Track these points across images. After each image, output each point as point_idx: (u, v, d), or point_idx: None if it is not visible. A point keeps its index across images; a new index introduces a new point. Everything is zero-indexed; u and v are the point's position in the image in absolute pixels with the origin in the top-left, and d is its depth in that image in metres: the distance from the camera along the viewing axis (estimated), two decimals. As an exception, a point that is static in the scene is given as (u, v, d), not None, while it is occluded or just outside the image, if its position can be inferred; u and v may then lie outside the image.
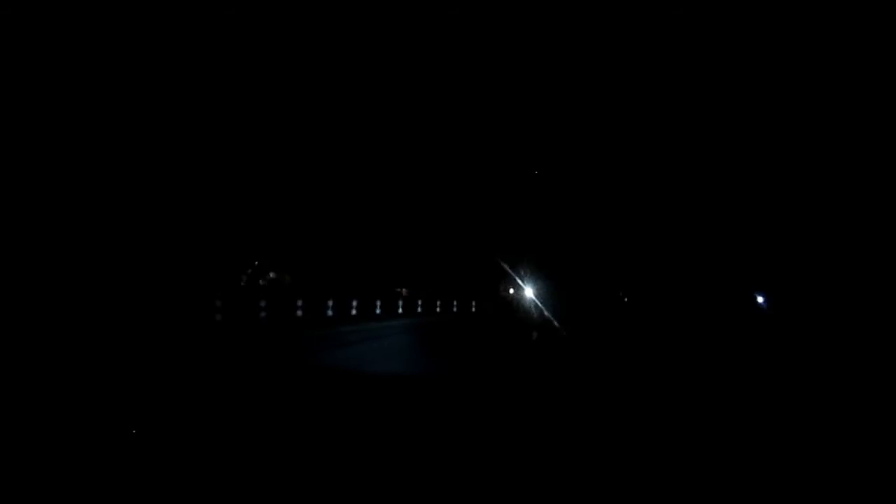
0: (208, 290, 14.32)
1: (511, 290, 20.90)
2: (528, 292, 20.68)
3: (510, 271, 19.37)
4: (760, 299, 17.27)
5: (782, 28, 13.22)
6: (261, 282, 19.26)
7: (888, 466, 4.12)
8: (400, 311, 20.77)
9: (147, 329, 9.80)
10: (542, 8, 14.55)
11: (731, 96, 15.56)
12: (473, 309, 25.14)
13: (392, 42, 15.94)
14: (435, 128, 19.94)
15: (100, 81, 12.44)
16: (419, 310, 22.11)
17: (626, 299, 19.44)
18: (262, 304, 15.13)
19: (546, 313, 18.41)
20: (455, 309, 24.56)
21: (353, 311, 18.51)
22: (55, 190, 11.84)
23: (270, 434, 4.46)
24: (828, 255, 15.15)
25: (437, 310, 23.45)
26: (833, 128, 14.55)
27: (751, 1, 13.24)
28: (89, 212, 12.42)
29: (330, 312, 17.41)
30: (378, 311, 19.57)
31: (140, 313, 10.71)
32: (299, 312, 16.03)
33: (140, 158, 13.51)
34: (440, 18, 14.65)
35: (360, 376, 8.02)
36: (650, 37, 14.84)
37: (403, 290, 20.75)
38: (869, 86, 13.47)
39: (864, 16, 11.98)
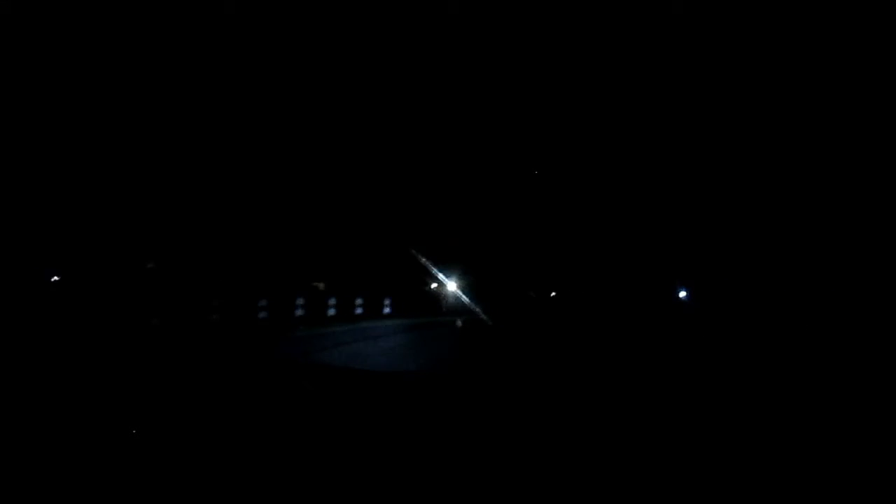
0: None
1: (434, 285, 20.35)
2: (452, 286, 20.22)
3: (432, 267, 18.80)
4: (683, 294, 17.75)
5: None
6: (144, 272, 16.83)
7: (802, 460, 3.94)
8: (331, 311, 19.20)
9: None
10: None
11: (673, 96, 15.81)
12: (388, 309, 24.05)
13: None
14: (349, 115, 18.93)
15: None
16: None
17: (553, 294, 19.40)
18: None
19: (470, 305, 18.04)
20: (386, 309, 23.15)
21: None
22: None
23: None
24: (749, 250, 15.77)
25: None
26: (759, 122, 15.16)
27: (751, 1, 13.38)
28: None
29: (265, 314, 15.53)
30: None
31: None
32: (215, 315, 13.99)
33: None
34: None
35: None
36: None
37: (321, 284, 19.49)
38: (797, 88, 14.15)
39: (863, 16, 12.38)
